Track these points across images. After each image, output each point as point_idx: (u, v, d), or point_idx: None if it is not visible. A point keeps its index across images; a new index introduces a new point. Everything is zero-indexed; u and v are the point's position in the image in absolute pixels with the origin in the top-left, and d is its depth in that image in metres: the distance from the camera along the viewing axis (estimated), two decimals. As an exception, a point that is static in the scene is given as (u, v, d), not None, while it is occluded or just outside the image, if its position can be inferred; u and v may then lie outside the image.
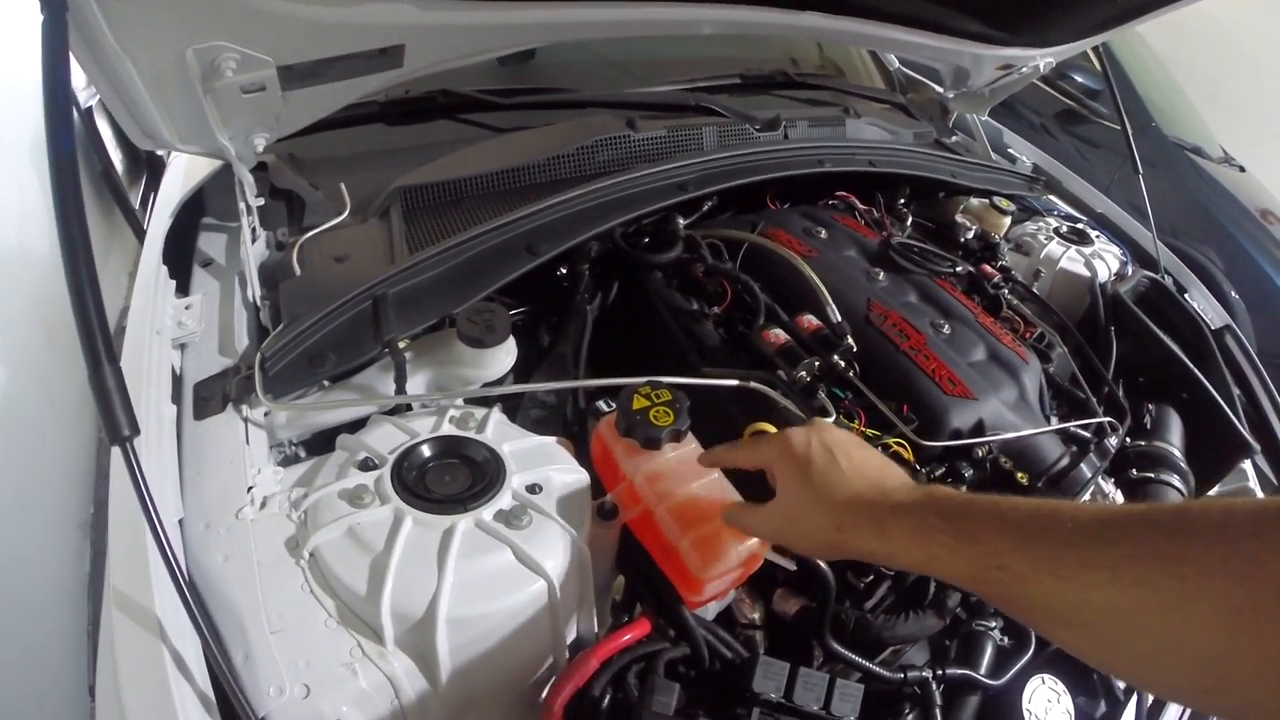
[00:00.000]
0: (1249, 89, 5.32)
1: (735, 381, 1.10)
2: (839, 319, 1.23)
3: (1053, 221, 1.82)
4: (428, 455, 0.93)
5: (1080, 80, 4.05)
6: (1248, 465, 1.50)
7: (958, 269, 1.49)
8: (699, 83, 1.87)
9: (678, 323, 1.27)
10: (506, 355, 1.11)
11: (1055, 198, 2.09)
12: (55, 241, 0.77)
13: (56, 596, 1.60)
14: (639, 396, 0.95)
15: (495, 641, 0.82)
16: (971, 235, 1.71)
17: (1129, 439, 1.36)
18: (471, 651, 0.81)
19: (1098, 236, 1.79)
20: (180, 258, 1.33)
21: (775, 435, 0.86)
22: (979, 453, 1.13)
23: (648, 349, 1.29)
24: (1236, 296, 3.48)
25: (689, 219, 1.48)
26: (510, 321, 1.11)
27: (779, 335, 1.21)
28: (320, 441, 1.08)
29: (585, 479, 0.95)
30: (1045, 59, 1.88)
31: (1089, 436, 1.24)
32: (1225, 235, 3.68)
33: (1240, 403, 1.53)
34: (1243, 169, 4.17)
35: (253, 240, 1.27)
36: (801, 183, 1.61)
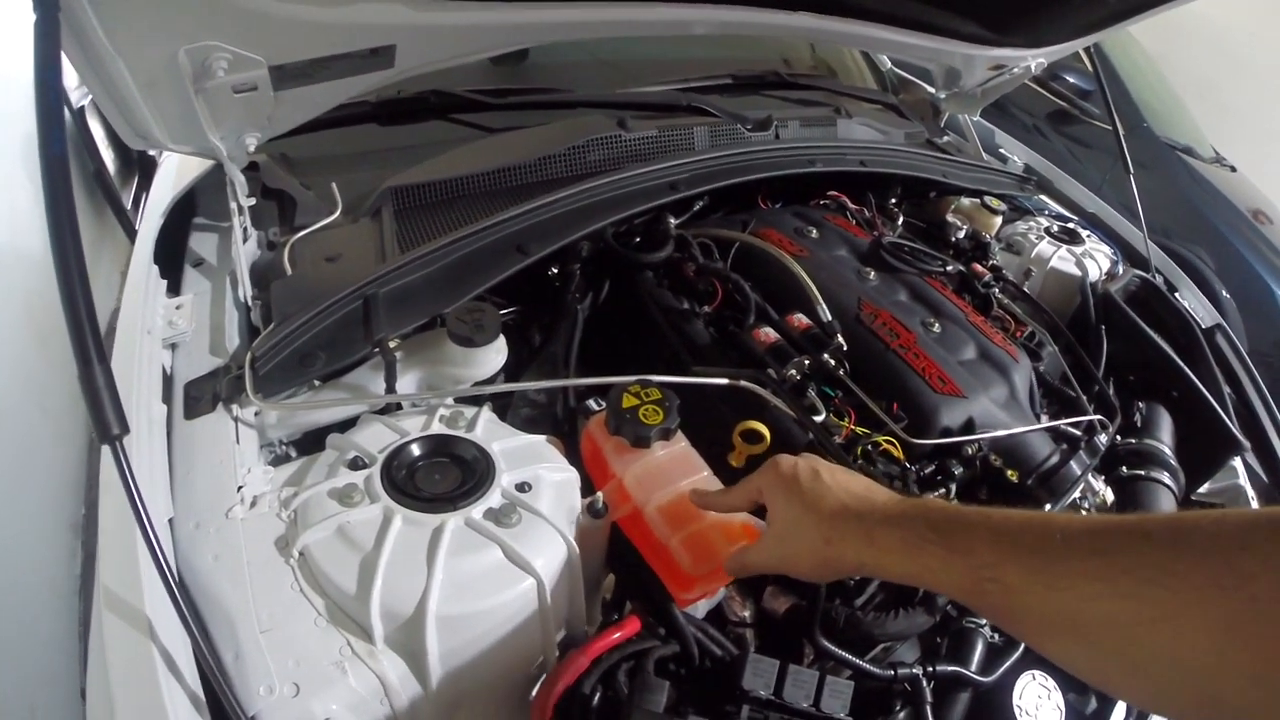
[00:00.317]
0: (1241, 90, 5.34)
1: (725, 380, 1.10)
2: (829, 318, 1.23)
3: (1044, 221, 1.82)
4: (417, 454, 0.92)
5: (1072, 81, 4.06)
6: (1238, 463, 1.51)
7: (948, 268, 1.49)
8: (691, 83, 1.87)
9: (668, 322, 1.27)
10: (497, 354, 1.11)
11: (1046, 197, 2.09)
12: (47, 242, 0.77)
13: (48, 598, 1.59)
14: (628, 395, 0.95)
15: (485, 640, 0.82)
16: (963, 235, 1.72)
17: (1119, 437, 1.36)
18: (461, 650, 0.81)
19: (1089, 236, 1.80)
20: (172, 258, 1.32)
21: (764, 466, 0.86)
22: (969, 450, 1.14)
23: (639, 348, 1.30)
24: (1228, 296, 3.50)
25: (680, 219, 1.48)
26: (500, 321, 1.10)
27: (769, 334, 1.21)
28: (311, 441, 1.08)
29: (575, 477, 0.95)
30: (1037, 59, 1.88)
31: (1079, 434, 1.24)
32: (1217, 235, 3.70)
33: (1231, 400, 1.54)
34: (1234, 169, 4.19)
35: (244, 240, 1.27)
36: (793, 182, 1.61)
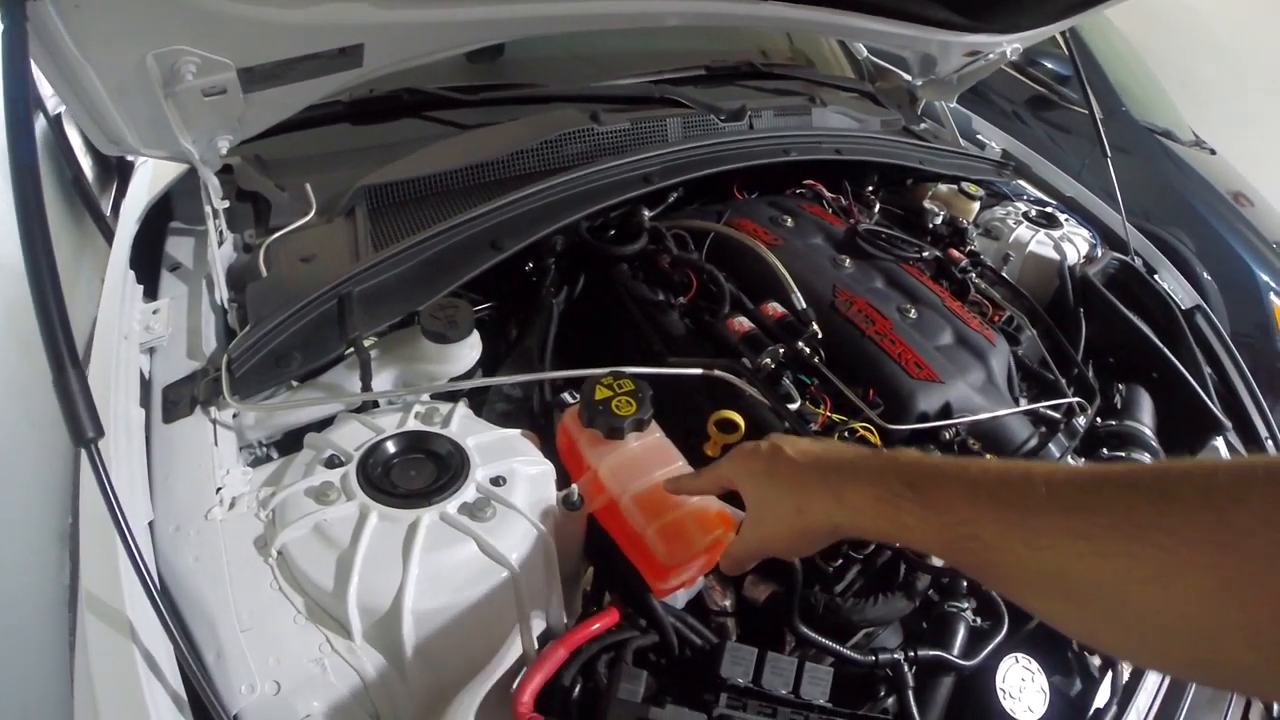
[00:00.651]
0: (1219, 74, 5.37)
1: (699, 370, 1.10)
2: (804, 306, 1.23)
3: (1022, 206, 1.83)
4: (393, 451, 0.93)
5: (1050, 66, 4.07)
6: (1220, 443, 1.51)
7: (925, 254, 1.50)
8: (666, 75, 1.87)
9: (644, 314, 1.28)
10: (471, 350, 1.11)
11: (1024, 183, 2.10)
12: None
13: (38, 611, 1.58)
14: (601, 387, 0.95)
15: (463, 633, 0.82)
16: (940, 221, 1.72)
17: (1100, 419, 1.36)
18: (439, 644, 0.81)
19: (1067, 220, 1.80)
20: (150, 263, 1.32)
21: (731, 453, 0.85)
22: (947, 435, 1.14)
23: (615, 341, 1.30)
24: (1209, 278, 3.51)
25: (655, 211, 1.48)
26: (474, 316, 1.11)
27: (743, 323, 1.21)
28: (291, 442, 1.08)
29: (550, 470, 0.95)
30: (1012, 45, 1.89)
31: (1058, 417, 1.25)
32: (1197, 218, 3.70)
33: (1212, 381, 1.54)
34: (1213, 152, 4.20)
35: (220, 243, 1.27)
36: (768, 172, 1.61)
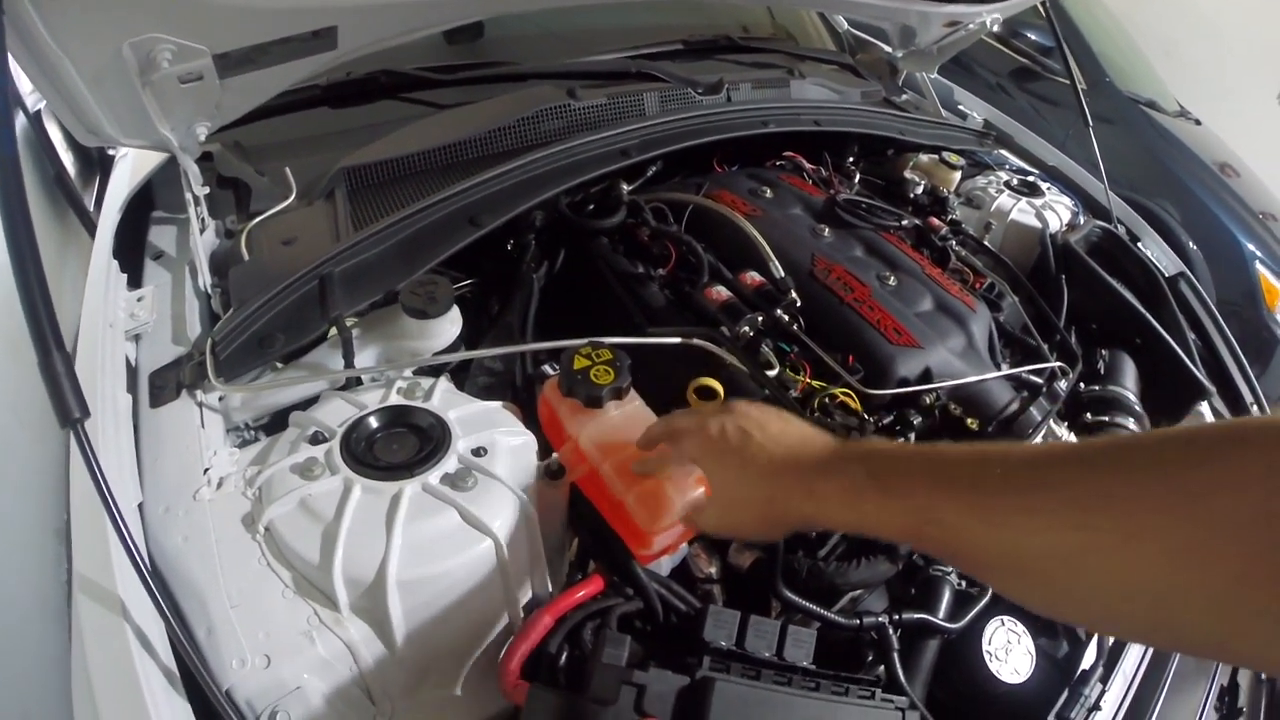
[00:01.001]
0: (1203, 46, 5.36)
1: (678, 339, 1.11)
2: (782, 274, 1.24)
3: (1003, 175, 1.83)
4: (375, 426, 0.94)
5: (1034, 38, 4.07)
6: (1205, 409, 1.52)
7: (904, 223, 1.50)
8: (643, 51, 1.87)
9: (624, 286, 1.28)
10: (451, 325, 1.12)
11: (1006, 152, 2.10)
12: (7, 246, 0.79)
13: (35, 605, 1.59)
14: (579, 357, 0.96)
15: (448, 603, 0.83)
16: (921, 191, 1.72)
17: (1083, 384, 1.37)
18: (425, 613, 0.82)
19: (1049, 189, 1.81)
20: (133, 253, 1.33)
21: (691, 430, 0.83)
22: (927, 400, 1.14)
23: (596, 314, 1.29)
24: (1195, 248, 3.52)
25: (634, 185, 1.48)
26: (454, 293, 1.11)
27: (721, 292, 1.22)
28: (278, 424, 1.09)
29: (532, 441, 0.96)
30: (991, 15, 1.88)
31: (1040, 382, 1.25)
32: (1182, 188, 3.71)
33: (1196, 347, 1.55)
34: (1199, 122, 4.20)
35: (201, 230, 1.27)
36: (748, 145, 1.61)
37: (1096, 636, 1.11)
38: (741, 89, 1.72)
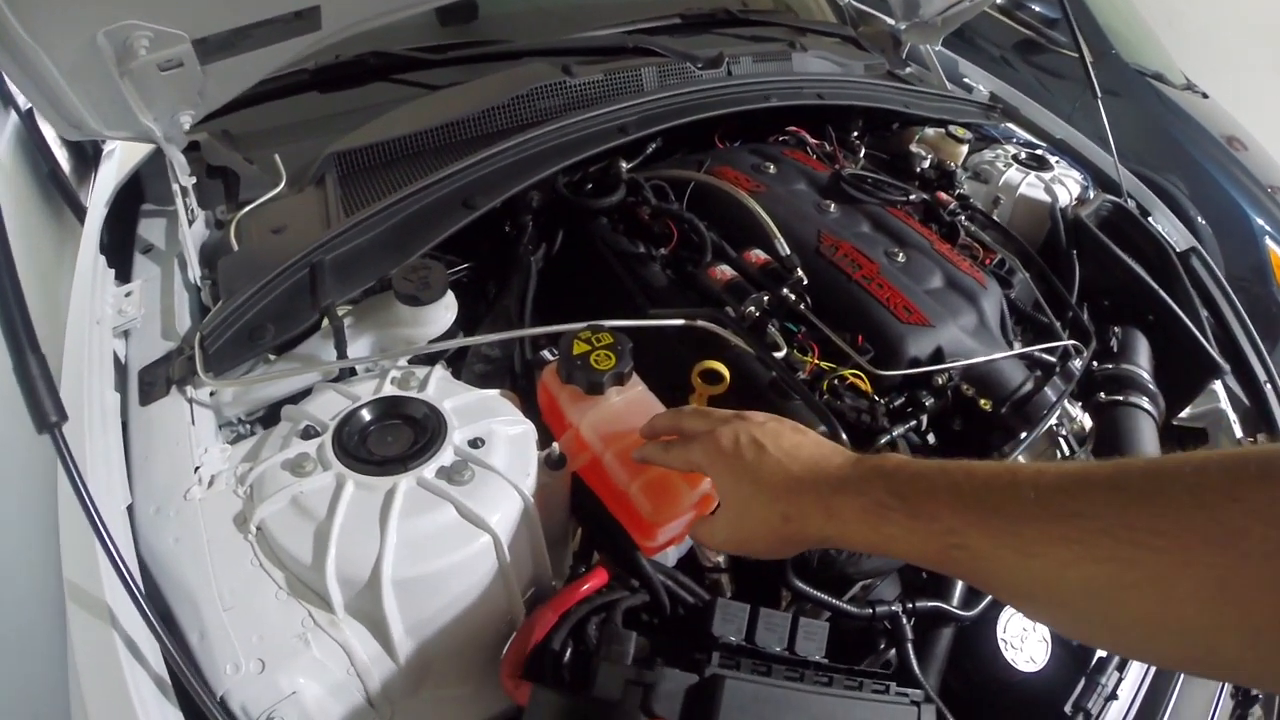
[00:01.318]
0: (1208, 18, 5.31)
1: (681, 321, 1.08)
2: (787, 251, 1.20)
3: (1011, 148, 1.79)
4: (368, 418, 0.91)
5: (1038, 10, 4.03)
6: (1219, 386, 1.50)
7: (911, 198, 1.46)
8: (640, 25, 1.83)
9: (624, 266, 1.25)
10: (446, 311, 1.09)
11: (1013, 125, 2.06)
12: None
13: (39, 610, 1.57)
14: (579, 342, 0.93)
15: (446, 601, 0.81)
16: (927, 165, 1.68)
17: (1096, 363, 1.35)
18: (423, 613, 0.80)
19: (1057, 162, 1.77)
20: (123, 247, 1.32)
21: (700, 436, 0.80)
22: (939, 380, 1.12)
23: (597, 297, 1.27)
24: (1203, 222, 3.49)
25: (633, 162, 1.45)
26: (448, 277, 1.08)
27: (725, 271, 1.19)
28: (273, 417, 1.06)
29: (531, 430, 0.93)
30: (996, -16, 1.84)
31: (1053, 360, 1.22)
32: (1191, 162, 3.67)
33: (1209, 324, 1.52)
34: (1206, 95, 4.15)
35: (190, 221, 1.25)
36: (750, 120, 1.58)
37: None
38: (742, 63, 1.68)
